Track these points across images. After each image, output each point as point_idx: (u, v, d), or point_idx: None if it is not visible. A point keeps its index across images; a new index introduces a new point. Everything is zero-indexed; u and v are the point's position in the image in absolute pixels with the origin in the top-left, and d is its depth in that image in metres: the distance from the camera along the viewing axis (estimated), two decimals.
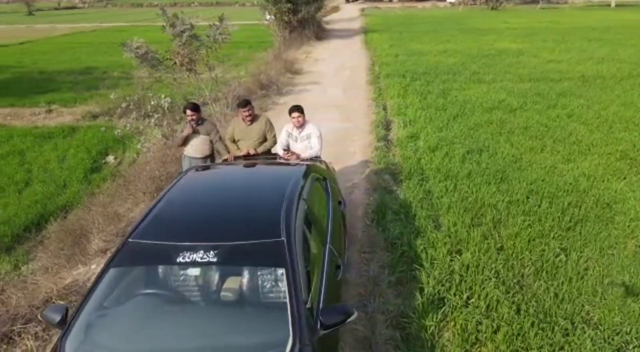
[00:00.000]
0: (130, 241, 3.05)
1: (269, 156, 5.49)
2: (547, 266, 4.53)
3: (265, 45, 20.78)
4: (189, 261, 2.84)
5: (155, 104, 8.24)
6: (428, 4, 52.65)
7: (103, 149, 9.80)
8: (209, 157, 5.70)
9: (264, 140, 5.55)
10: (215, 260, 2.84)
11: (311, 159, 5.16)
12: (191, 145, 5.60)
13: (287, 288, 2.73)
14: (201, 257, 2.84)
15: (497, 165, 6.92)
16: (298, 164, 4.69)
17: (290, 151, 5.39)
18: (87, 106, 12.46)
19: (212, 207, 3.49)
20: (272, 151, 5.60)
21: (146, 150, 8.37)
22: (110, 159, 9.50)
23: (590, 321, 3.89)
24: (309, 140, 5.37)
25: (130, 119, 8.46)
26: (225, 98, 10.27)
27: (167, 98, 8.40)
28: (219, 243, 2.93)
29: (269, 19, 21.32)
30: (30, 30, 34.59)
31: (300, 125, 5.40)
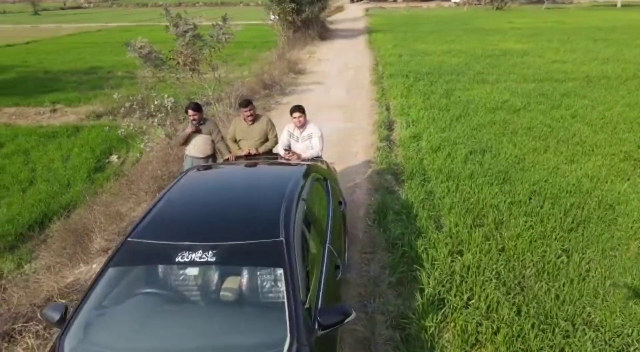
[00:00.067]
0: (129, 240, 3.06)
1: (270, 156, 5.50)
2: (549, 267, 4.51)
3: (269, 45, 20.80)
4: (187, 260, 2.85)
5: (158, 103, 8.29)
6: (433, 4, 52.53)
7: (107, 148, 9.86)
8: (211, 157, 5.71)
9: (265, 140, 5.56)
10: (213, 260, 2.85)
11: (312, 159, 5.16)
12: (193, 145, 5.62)
13: (285, 288, 2.73)
14: (200, 257, 2.84)
15: (500, 166, 6.90)
16: (299, 164, 4.68)
17: (291, 151, 5.39)
18: (92, 106, 12.54)
19: (212, 207, 3.50)
20: (274, 151, 5.61)
21: (149, 149, 8.41)
22: (114, 158, 9.55)
23: (592, 323, 3.87)
24: (310, 141, 5.37)
25: (134, 118, 8.53)
26: (228, 98, 10.29)
27: (171, 98, 8.44)
28: (217, 243, 2.93)
29: (273, 19, 21.37)
30: (35, 30, 34.82)
31: (302, 126, 5.40)
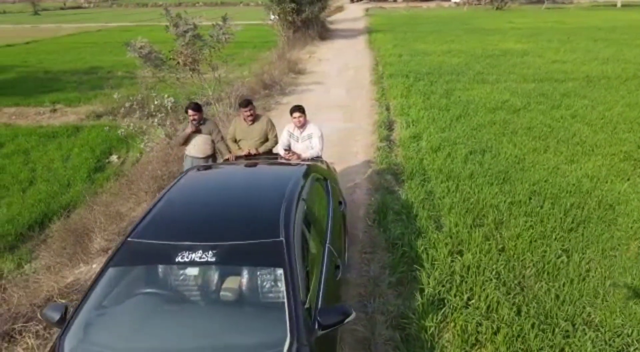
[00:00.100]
0: (129, 240, 3.06)
1: (270, 156, 5.50)
2: (549, 267, 4.51)
3: (270, 45, 20.80)
4: (187, 260, 2.85)
5: (158, 103, 8.29)
6: (433, 4, 52.53)
7: (107, 148, 9.86)
8: (211, 157, 5.71)
9: (265, 140, 5.56)
10: (213, 260, 2.85)
11: (312, 159, 5.16)
12: (193, 145, 5.62)
13: (285, 288, 2.73)
14: (200, 257, 2.84)
15: (500, 166, 6.89)
16: (299, 164, 4.68)
17: (291, 151, 5.38)
18: (92, 106, 12.54)
19: (212, 207, 3.50)
20: (274, 151, 5.60)
21: (149, 149, 8.41)
22: (114, 158, 9.55)
23: (592, 323, 3.87)
24: (310, 141, 5.37)
25: (134, 118, 8.53)
26: (228, 98, 10.29)
27: (171, 98, 8.45)
28: (217, 243, 2.93)
29: (273, 19, 21.37)
30: (35, 30, 34.82)
31: (302, 126, 5.40)
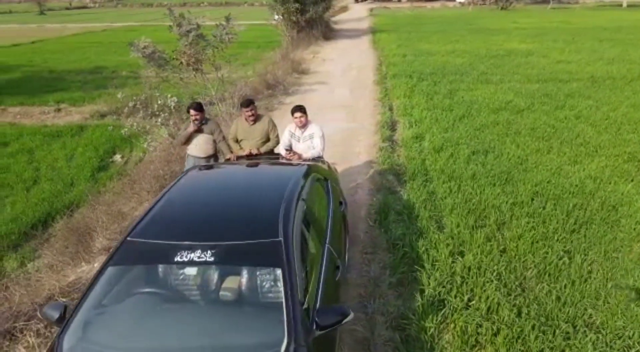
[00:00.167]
0: (129, 239, 3.07)
1: (271, 156, 5.50)
2: (550, 269, 4.49)
3: (273, 45, 20.82)
4: (186, 260, 2.85)
5: (162, 103, 8.31)
6: (437, 4, 52.45)
7: (110, 147, 9.90)
8: (212, 157, 5.72)
9: (267, 140, 5.56)
10: (212, 260, 2.85)
11: (313, 159, 5.16)
12: (194, 144, 5.63)
13: (284, 288, 2.73)
14: (199, 257, 2.85)
15: (502, 166, 6.87)
16: (299, 164, 4.68)
17: (292, 151, 5.38)
18: (96, 105, 12.59)
19: (212, 206, 3.50)
20: (275, 151, 5.61)
21: (152, 149, 8.44)
22: (118, 157, 9.59)
23: (593, 325, 3.85)
24: (311, 141, 5.37)
25: (138, 118, 8.54)
26: (231, 98, 10.31)
27: (174, 97, 8.47)
28: (216, 243, 2.94)
29: (277, 18, 21.38)
30: (41, 30, 35.02)
31: (303, 126, 5.39)
